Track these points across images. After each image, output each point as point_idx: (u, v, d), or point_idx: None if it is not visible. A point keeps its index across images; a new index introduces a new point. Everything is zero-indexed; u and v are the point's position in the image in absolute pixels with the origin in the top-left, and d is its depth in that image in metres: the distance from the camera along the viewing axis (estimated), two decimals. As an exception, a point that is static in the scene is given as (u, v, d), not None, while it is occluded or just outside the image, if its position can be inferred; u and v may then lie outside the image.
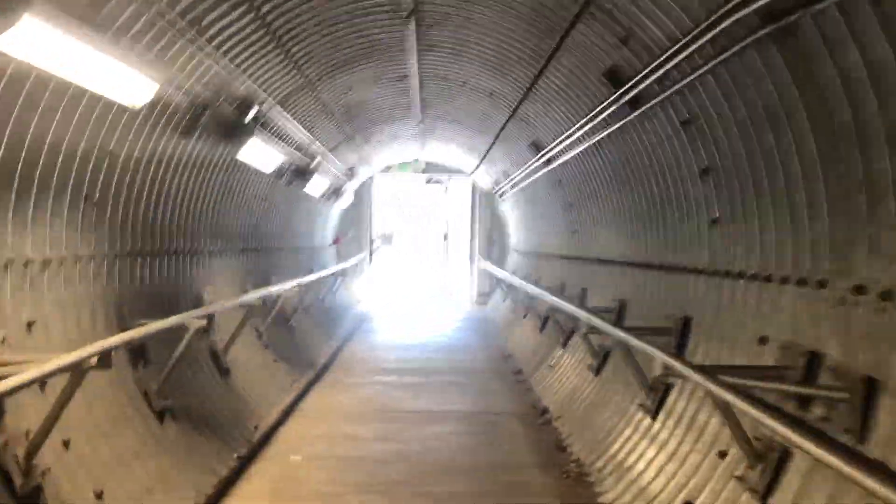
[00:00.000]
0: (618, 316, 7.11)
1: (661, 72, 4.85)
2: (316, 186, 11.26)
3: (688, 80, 4.58)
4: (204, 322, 5.42)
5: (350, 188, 14.95)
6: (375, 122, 11.50)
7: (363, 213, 17.85)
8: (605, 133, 6.58)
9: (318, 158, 10.55)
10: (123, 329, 4.88)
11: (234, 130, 6.62)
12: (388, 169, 17.75)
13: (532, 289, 9.76)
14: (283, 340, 9.59)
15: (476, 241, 18.14)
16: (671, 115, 5.25)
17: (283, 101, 7.47)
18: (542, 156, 9.38)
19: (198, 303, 6.61)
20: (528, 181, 11.10)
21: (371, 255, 18.36)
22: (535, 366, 9.40)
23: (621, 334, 5.19)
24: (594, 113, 6.57)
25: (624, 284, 7.31)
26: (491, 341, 12.53)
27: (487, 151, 12.50)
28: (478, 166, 15.04)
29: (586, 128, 7.09)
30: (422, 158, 17.05)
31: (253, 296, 7.54)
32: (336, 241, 17.08)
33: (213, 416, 6.18)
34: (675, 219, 5.85)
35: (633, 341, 4.89)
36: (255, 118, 6.89)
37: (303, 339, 10.62)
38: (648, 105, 5.34)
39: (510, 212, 15.65)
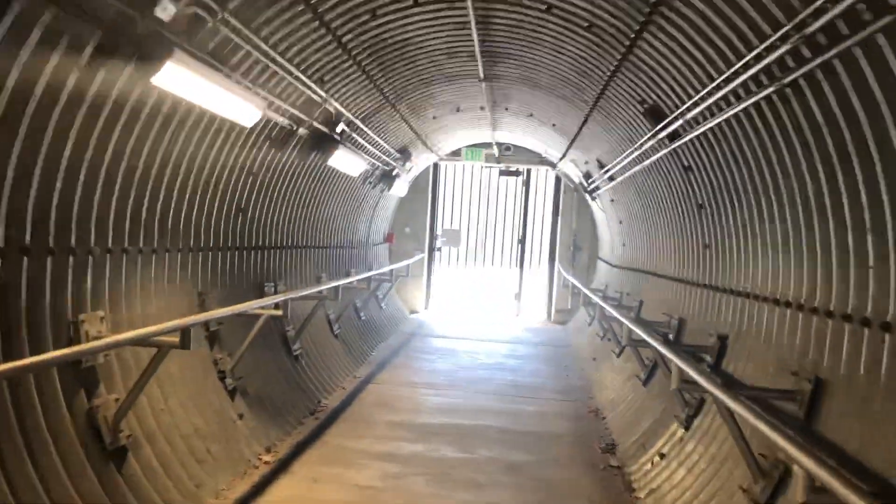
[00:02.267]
0: (809, 407, 3.91)
1: None
2: (349, 162, 8.41)
3: None
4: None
5: (404, 172, 12.08)
6: (434, 83, 8.57)
7: (423, 206, 14.96)
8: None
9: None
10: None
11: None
12: (454, 155, 14.78)
13: (633, 328, 6.56)
14: (276, 377, 6.81)
15: (558, 247, 14.94)
16: None
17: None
18: (663, 127, 6.21)
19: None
20: (634, 169, 7.89)
21: (432, 255, 15.46)
22: (639, 446, 6.21)
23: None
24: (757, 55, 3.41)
25: (811, 343, 4.10)
26: (571, 383, 9.35)
27: (580, 130, 9.32)
28: (565, 153, 11.85)
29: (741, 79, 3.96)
30: (495, 141, 14.00)
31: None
32: (389, 239, 14.26)
33: None
34: None
35: None
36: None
37: (312, 372, 7.81)
38: None
39: (603, 213, 12.38)
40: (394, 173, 11.38)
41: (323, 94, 6.63)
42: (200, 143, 5.42)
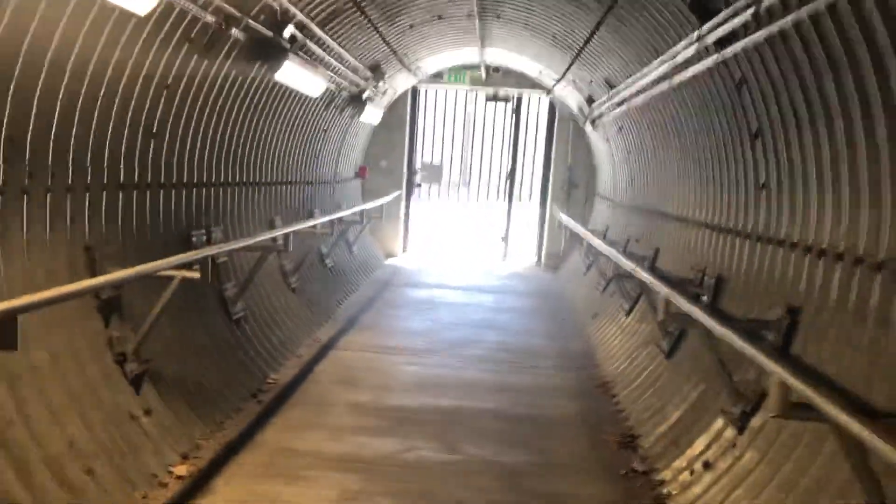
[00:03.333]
0: None
1: None
2: (305, 78, 6.74)
3: None
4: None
5: (377, 95, 10.38)
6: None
7: (400, 136, 13.28)
8: None
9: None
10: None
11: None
12: (436, 77, 13.03)
13: (655, 282, 5.11)
14: (207, 351, 5.33)
15: (551, 183, 13.40)
16: None
17: None
18: (711, 31, 4.63)
19: None
20: (658, 88, 6.31)
21: (410, 193, 13.87)
22: (670, 443, 4.84)
23: None
24: None
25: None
26: (571, 346, 7.99)
27: (588, 40, 7.67)
28: (565, 73, 10.20)
29: None
30: (483, 62, 12.26)
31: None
32: (361, 173, 12.63)
33: None
34: None
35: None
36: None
37: (258, 340, 6.34)
38: None
39: (607, 144, 10.82)
40: (364, 96, 9.69)
41: (258, -21, 4.95)
42: (90, 39, 3.80)
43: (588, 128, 11.56)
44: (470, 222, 14.63)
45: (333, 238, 9.35)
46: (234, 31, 5.10)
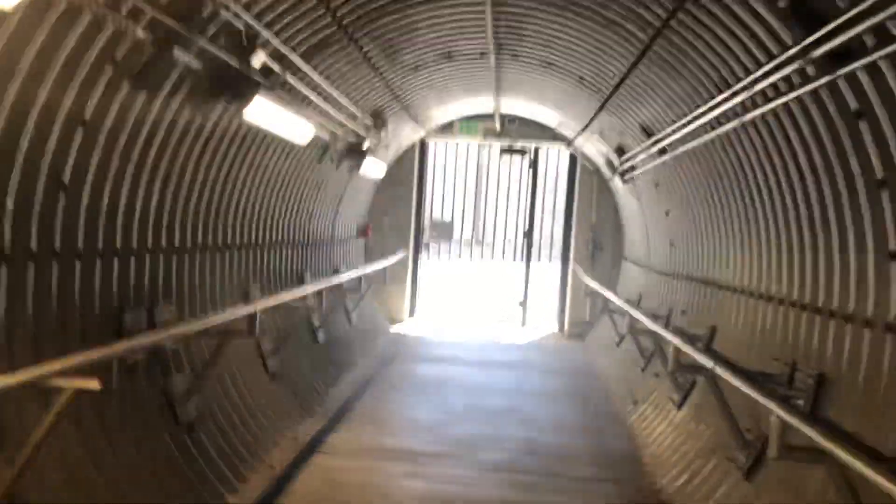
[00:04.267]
0: None
1: None
2: (285, 120, 5.53)
3: None
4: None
5: (379, 148, 9.21)
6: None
7: (407, 191, 12.08)
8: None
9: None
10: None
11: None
12: (446, 130, 11.89)
13: (726, 374, 3.74)
14: (141, 471, 3.94)
15: (573, 244, 12.11)
16: None
17: None
18: (817, 45, 3.37)
19: None
20: (725, 128, 5.04)
21: (418, 252, 12.60)
22: None
23: None
24: None
25: None
26: (611, 445, 6.53)
27: (625, 77, 6.47)
28: (590, 121, 9.02)
29: None
30: (498, 111, 11.14)
31: None
32: (364, 233, 11.39)
33: None
34: None
35: None
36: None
37: (217, 449, 4.94)
38: None
39: (637, 201, 9.56)
40: (364, 147, 8.51)
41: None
42: None
43: (616, 183, 10.31)
44: (484, 284, 13.28)
45: (325, 307, 8.03)
46: (177, 52, 3.88)
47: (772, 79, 3.92)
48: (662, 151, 7.10)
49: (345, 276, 8.86)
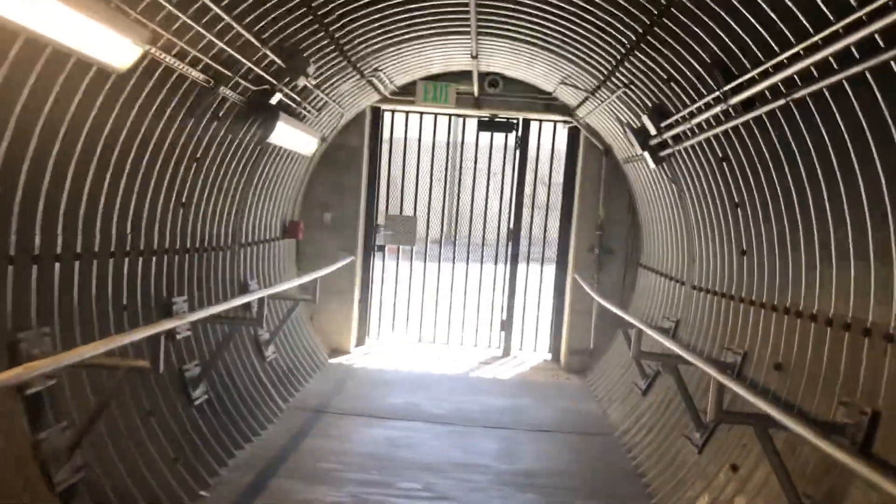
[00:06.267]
0: None
1: None
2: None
3: None
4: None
5: (309, 112, 6.30)
6: None
7: (355, 177, 9.13)
8: None
9: None
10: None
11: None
12: (408, 92, 8.94)
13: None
14: None
15: (572, 246, 9.27)
16: None
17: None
18: None
19: None
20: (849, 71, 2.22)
21: (370, 257, 9.66)
22: None
23: None
24: None
25: None
26: None
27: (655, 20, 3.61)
28: (609, 76, 6.19)
29: None
30: (477, 70, 8.25)
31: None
32: (293, 232, 8.42)
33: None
34: None
35: None
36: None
37: None
38: None
39: (677, 187, 6.72)
40: (273, 100, 5.57)
41: None
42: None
43: (637, 167, 7.52)
44: (457, 297, 10.31)
45: (214, 345, 5.10)
46: None
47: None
48: (749, 105, 4.30)
49: (255, 296, 5.98)
